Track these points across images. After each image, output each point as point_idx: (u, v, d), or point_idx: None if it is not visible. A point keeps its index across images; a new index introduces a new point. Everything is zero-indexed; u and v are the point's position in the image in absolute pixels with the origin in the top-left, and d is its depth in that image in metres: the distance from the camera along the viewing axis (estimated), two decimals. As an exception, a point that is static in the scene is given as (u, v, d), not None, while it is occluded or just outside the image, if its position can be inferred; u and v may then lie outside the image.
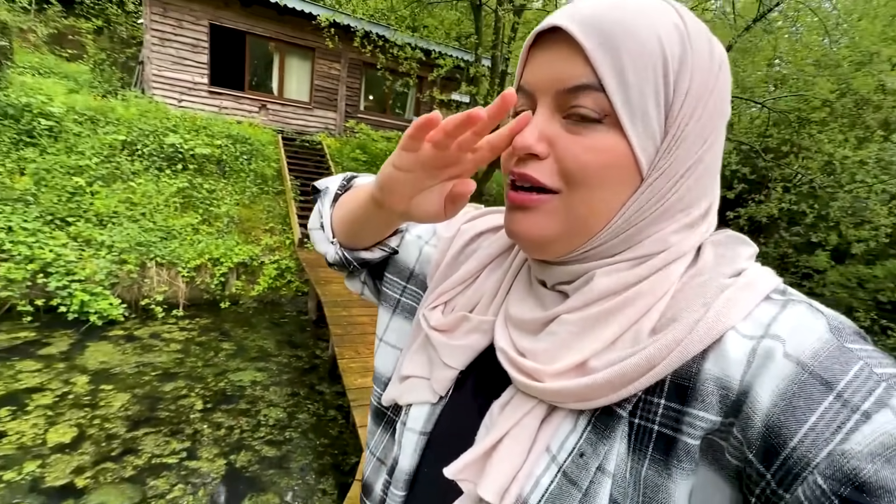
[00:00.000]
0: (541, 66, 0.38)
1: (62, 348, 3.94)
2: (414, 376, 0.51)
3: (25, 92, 5.42)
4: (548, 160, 0.37)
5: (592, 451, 0.36)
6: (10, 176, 4.84)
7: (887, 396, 0.27)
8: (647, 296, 0.37)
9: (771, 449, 0.29)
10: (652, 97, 0.34)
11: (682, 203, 0.37)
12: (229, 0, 7.81)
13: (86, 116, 5.72)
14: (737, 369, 0.32)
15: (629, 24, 0.34)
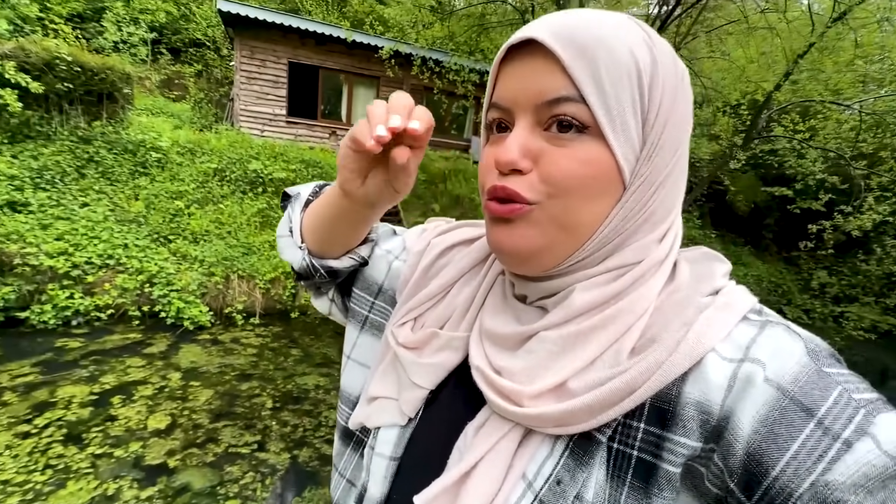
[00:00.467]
0: (517, 80, 0.37)
1: (161, 348, 4.54)
2: (382, 397, 0.50)
3: (141, 130, 6.42)
4: (530, 174, 0.36)
5: (570, 478, 0.35)
6: (127, 201, 5.72)
7: (867, 424, 0.27)
8: (627, 314, 0.36)
9: (753, 478, 0.29)
10: (630, 107, 0.35)
11: (660, 211, 0.38)
12: (306, 40, 8.66)
13: (186, 148, 6.62)
14: (717, 394, 0.31)
15: (603, 36, 0.34)
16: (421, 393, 0.47)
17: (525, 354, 0.38)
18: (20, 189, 5.00)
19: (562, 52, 0.34)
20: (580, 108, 0.34)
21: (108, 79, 5.97)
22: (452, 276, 0.50)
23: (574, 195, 0.35)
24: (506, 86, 0.38)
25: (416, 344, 0.48)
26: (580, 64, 0.34)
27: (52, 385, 3.61)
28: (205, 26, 10.91)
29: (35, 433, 3.03)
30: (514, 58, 0.37)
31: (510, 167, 0.36)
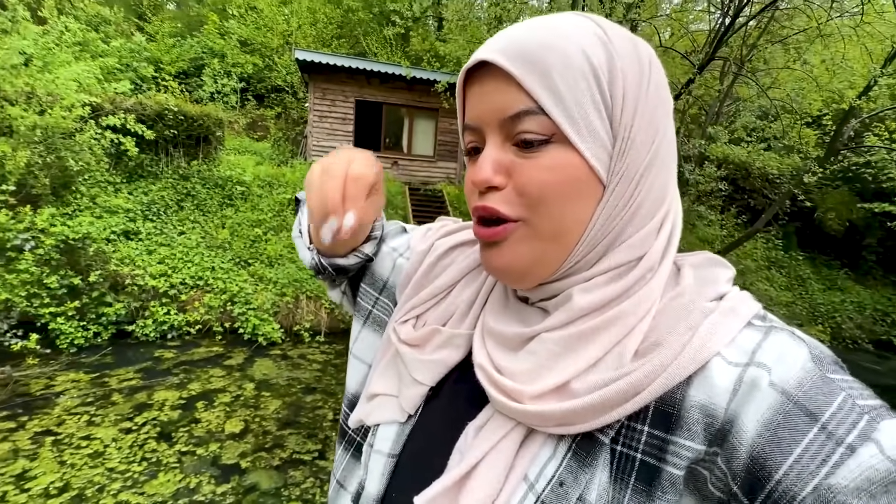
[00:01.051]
0: (479, 101, 0.38)
1: (239, 361, 5.00)
2: (382, 394, 0.50)
3: (229, 167, 7.28)
4: (507, 189, 0.37)
5: (573, 479, 0.34)
6: (216, 229, 6.46)
7: (870, 430, 0.27)
8: (629, 315, 0.36)
9: (756, 482, 0.28)
10: (592, 108, 0.34)
11: (648, 203, 0.37)
12: (371, 79, 9.39)
13: (265, 182, 7.38)
14: (723, 397, 0.31)
15: (552, 43, 0.34)
16: (421, 389, 0.46)
17: (527, 355, 0.38)
18: (133, 220, 5.87)
19: (514, 70, 0.34)
20: (542, 120, 0.34)
21: (204, 124, 6.91)
22: (454, 276, 0.50)
23: (551, 203, 0.35)
24: (472, 107, 0.39)
25: (418, 341, 0.48)
26: (533, 77, 0.34)
27: (150, 389, 4.11)
28: (284, 74, 12.22)
29: (135, 430, 3.47)
30: (474, 79, 0.38)
31: (485, 185, 0.37)
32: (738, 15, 5.27)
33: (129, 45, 9.51)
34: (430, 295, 0.51)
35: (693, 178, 6.30)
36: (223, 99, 11.22)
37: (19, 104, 4.76)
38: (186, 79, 11.46)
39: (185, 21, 14.02)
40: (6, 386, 3.85)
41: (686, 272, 0.39)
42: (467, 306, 0.49)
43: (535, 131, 0.35)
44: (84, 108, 5.11)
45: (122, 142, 5.41)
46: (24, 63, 5.02)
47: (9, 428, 3.34)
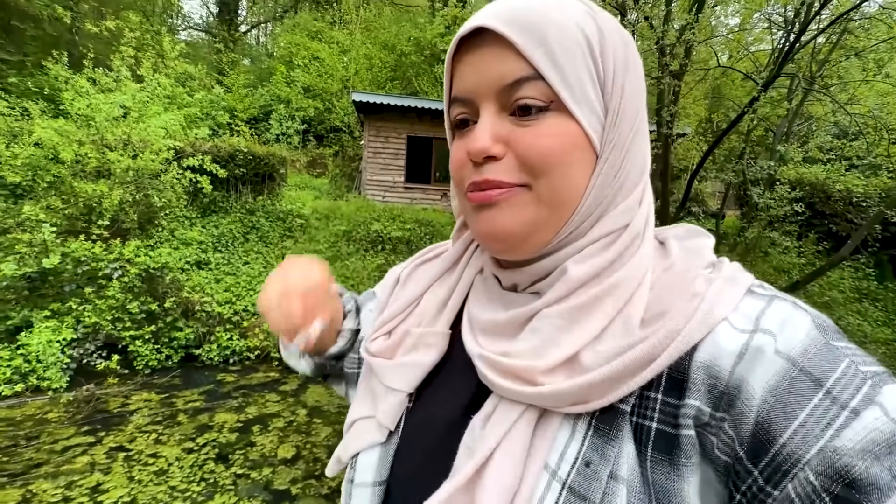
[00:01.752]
0: (474, 70, 0.37)
1: (293, 387, 5.13)
2: (359, 419, 0.46)
3: (290, 201, 7.76)
4: (505, 158, 0.36)
5: (600, 457, 0.32)
6: (276, 260, 6.83)
7: (874, 393, 0.27)
8: (626, 282, 0.36)
9: (760, 446, 0.28)
10: (587, 77, 0.35)
11: (633, 175, 0.38)
12: (422, 116, 9.80)
13: (322, 215, 7.77)
14: (727, 360, 0.31)
15: (549, 15, 0.35)
16: (397, 397, 0.43)
17: (529, 334, 0.37)
18: (205, 251, 6.36)
19: (513, 36, 0.34)
20: (540, 87, 0.34)
21: (270, 163, 7.48)
22: (423, 285, 0.49)
23: (553, 171, 0.35)
24: (463, 78, 0.38)
25: (389, 349, 0.46)
26: (532, 44, 0.34)
27: (212, 411, 4.30)
28: (342, 115, 13.06)
29: (196, 450, 3.62)
30: (466, 50, 0.37)
31: (483, 154, 0.36)
32: (803, 31, 4.98)
33: (209, 96, 10.64)
34: (399, 308, 0.49)
35: (763, 201, 5.86)
36: (287, 140, 12.14)
37: (117, 150, 5.41)
38: (256, 123, 12.56)
39: (257, 73, 15.54)
40: (89, 402, 4.19)
41: (672, 244, 0.40)
42: (440, 305, 0.47)
43: (535, 97, 0.35)
44: (169, 151, 5.72)
45: (199, 180, 5.96)
46: (123, 115, 5.75)
47: (88, 442, 3.60)
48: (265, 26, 22.34)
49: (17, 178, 5.10)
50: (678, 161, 11.42)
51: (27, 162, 5.05)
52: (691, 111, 10.84)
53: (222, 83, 13.38)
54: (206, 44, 18.94)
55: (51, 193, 5.21)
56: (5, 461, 3.27)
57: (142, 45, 8.39)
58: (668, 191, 6.45)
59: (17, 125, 5.29)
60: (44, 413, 3.98)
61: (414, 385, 0.44)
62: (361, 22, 15.96)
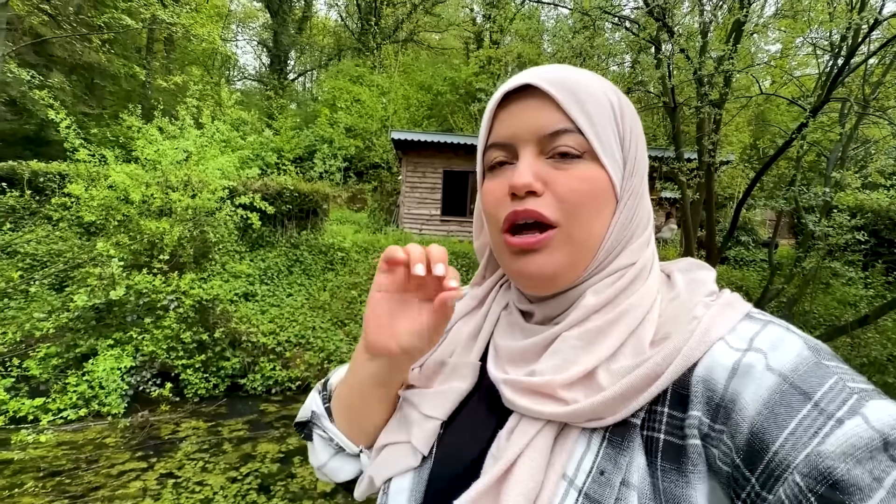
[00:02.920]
0: (517, 119, 0.43)
1: (332, 419, 5.16)
2: (390, 444, 0.47)
3: (331, 235, 8.07)
4: (545, 196, 0.41)
5: (613, 466, 0.35)
6: (318, 291, 7.06)
7: (859, 406, 0.29)
8: (636, 308, 0.41)
9: (756, 453, 0.31)
10: (613, 135, 0.42)
11: (644, 219, 0.45)
12: (458, 151, 10.07)
13: (362, 248, 8.01)
14: (721, 374, 0.34)
15: (584, 82, 0.43)
16: (433, 424, 0.45)
17: (551, 356, 0.41)
18: (252, 283, 6.67)
19: (556, 94, 0.41)
20: (577, 138, 0.41)
21: (314, 199, 7.86)
22: (451, 320, 0.52)
23: (585, 211, 0.41)
24: (505, 125, 0.44)
25: (424, 379, 0.49)
26: (572, 102, 0.41)
27: (255, 441, 4.39)
28: (381, 152, 13.65)
29: (239, 479, 3.69)
30: (509, 102, 0.43)
31: (527, 188, 0.41)
32: (852, 54, 4.83)
33: (260, 139, 11.45)
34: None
35: (819, 229, 5.53)
36: (329, 177, 12.75)
37: (179, 190, 5.88)
38: (301, 162, 13.31)
39: (303, 116, 16.60)
40: (144, 429, 4.39)
41: (677, 277, 0.45)
42: (470, 339, 0.50)
43: (573, 146, 0.41)
44: (224, 191, 6.15)
45: (249, 217, 6.34)
46: (185, 158, 6.28)
47: (141, 468, 3.75)
48: (311, 73, 24.03)
49: (93, 218, 5.62)
50: (723, 189, 11.02)
51: (102, 203, 5.57)
52: (734, 138, 10.54)
53: (272, 126, 14.36)
54: (258, 91, 20.53)
55: (120, 231, 5.68)
56: (67, 483, 3.46)
57: (203, 96, 9.22)
58: (713, 220, 6.22)
59: (96, 170, 5.88)
60: (103, 437, 4.20)
61: (449, 412, 0.46)
62: (400, 65, 16.86)
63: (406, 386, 0.50)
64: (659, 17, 5.07)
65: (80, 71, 12.16)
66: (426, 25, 20.98)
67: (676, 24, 5.73)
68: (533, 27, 8.02)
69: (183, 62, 16.19)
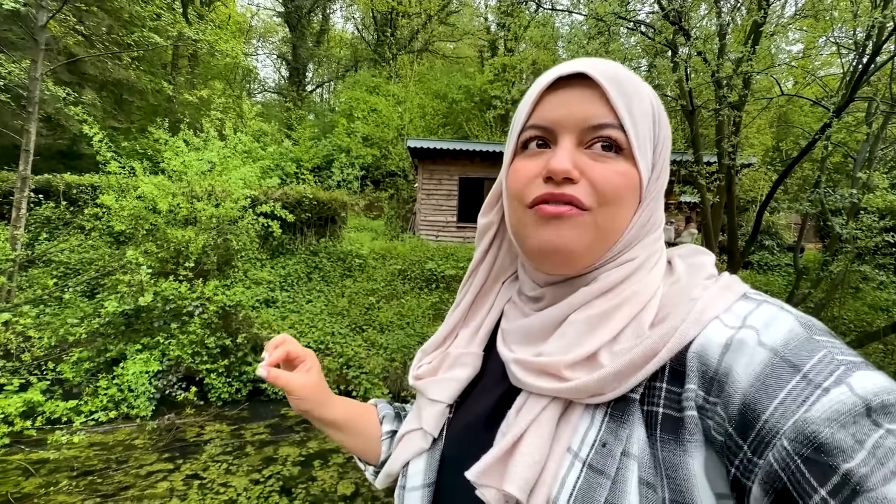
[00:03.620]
0: (563, 106, 0.43)
1: (351, 424, 5.21)
2: (407, 432, 0.53)
3: (349, 243, 8.19)
4: (581, 184, 0.42)
5: (614, 438, 0.38)
6: (336, 298, 7.16)
7: (845, 376, 0.31)
8: (640, 294, 0.43)
9: (747, 422, 0.32)
10: (649, 138, 0.44)
11: (658, 219, 0.47)
12: (474, 158, 10.13)
13: (379, 255, 8.10)
14: (715, 350, 0.36)
15: (633, 82, 0.44)
16: (439, 407, 0.50)
17: (559, 337, 0.44)
18: (273, 290, 6.81)
19: (609, 87, 0.42)
20: (618, 133, 0.42)
21: (332, 207, 8.01)
22: (454, 320, 0.57)
23: (617, 202, 0.42)
24: (550, 109, 0.44)
25: (432, 370, 0.53)
26: (620, 99, 0.42)
27: (276, 444, 4.47)
28: (397, 160, 13.81)
29: (262, 482, 3.75)
30: (559, 88, 0.44)
31: (566, 174, 0.41)
32: (878, 52, 4.72)
33: (279, 149, 11.74)
34: (438, 342, 0.57)
35: (847, 232, 5.38)
36: (347, 185, 12.95)
37: (203, 200, 6.08)
38: (320, 171, 13.56)
39: (321, 126, 16.93)
40: (170, 431, 4.52)
41: (677, 262, 0.47)
42: (473, 332, 0.54)
43: (616, 140, 0.42)
44: (246, 200, 6.32)
45: (270, 225, 6.50)
46: (209, 169, 6.49)
47: (168, 469, 3.86)
48: (329, 84, 24.52)
49: (123, 227, 5.84)
50: (744, 192, 10.79)
51: (131, 213, 5.79)
52: (756, 140, 10.33)
53: (291, 137, 14.69)
54: (277, 103, 21.04)
55: (148, 239, 5.89)
56: (99, 482, 3.58)
57: (226, 109, 9.51)
58: (734, 224, 6.11)
59: (125, 182, 6.12)
60: (132, 439, 4.34)
61: (453, 397, 0.51)
62: (415, 75, 17.09)
63: (416, 378, 0.55)
64: (675, 21, 5.06)
65: (110, 87, 12.68)
66: (441, 35, 21.24)
67: (693, 27, 5.69)
68: (547, 34, 8.06)
69: (206, 76, 16.73)
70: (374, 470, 0.65)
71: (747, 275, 8.70)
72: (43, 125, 9.41)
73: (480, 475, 0.41)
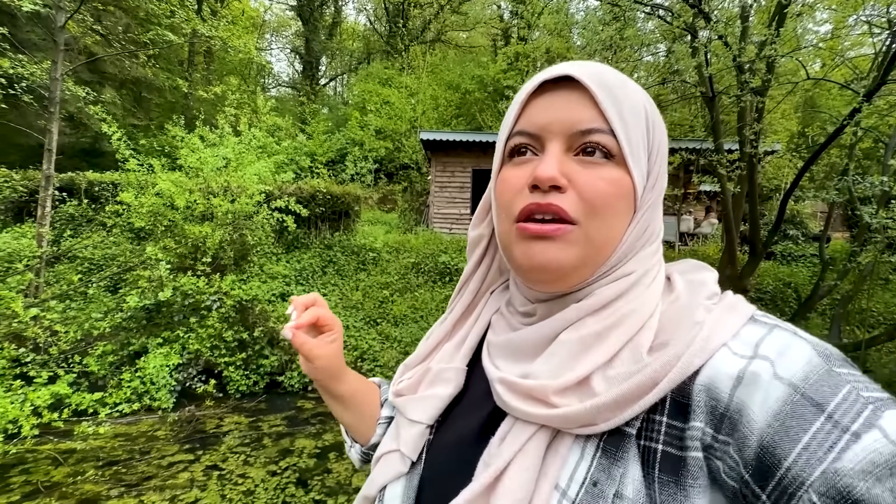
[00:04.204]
0: (549, 111, 0.41)
1: (366, 416, 5.27)
2: (385, 453, 0.49)
3: (363, 236, 8.23)
4: (568, 193, 0.39)
5: (606, 477, 0.34)
6: (351, 291, 7.22)
7: (875, 418, 0.28)
8: (636, 313, 0.39)
9: (766, 469, 0.29)
10: (642, 144, 0.41)
11: (656, 229, 0.44)
12: (487, 150, 10.03)
13: (393, 248, 8.12)
14: (726, 383, 0.32)
15: (624, 85, 0.41)
16: (418, 429, 0.47)
17: (548, 357, 0.40)
18: (288, 284, 6.90)
19: (597, 90, 0.39)
20: (608, 139, 0.39)
21: (346, 201, 8.04)
22: (440, 333, 0.55)
23: (606, 213, 0.39)
24: (536, 114, 0.42)
25: (412, 387, 0.51)
26: (609, 102, 0.39)
27: (293, 436, 4.55)
28: (410, 153, 13.78)
29: (279, 473, 3.83)
30: (545, 92, 0.42)
31: (552, 182, 0.39)
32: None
33: (294, 144, 11.84)
34: (423, 355, 0.54)
35: (877, 221, 5.16)
36: (360, 179, 13.00)
37: (219, 196, 6.17)
38: (333, 165, 13.64)
39: (335, 120, 16.99)
40: (191, 423, 4.64)
41: (676, 279, 0.43)
42: (456, 346, 0.51)
43: (605, 146, 0.39)
44: (261, 195, 6.39)
45: (284, 220, 6.56)
46: (224, 165, 6.57)
47: (188, 460, 3.97)
48: (342, 77, 24.54)
49: (143, 224, 5.97)
50: (768, 181, 10.45)
51: (150, 209, 5.91)
52: (780, 126, 9.96)
53: (305, 131, 14.78)
54: (291, 97, 21.17)
55: (167, 235, 6.02)
56: (123, 472, 3.70)
57: (240, 104, 9.60)
58: (756, 213, 5.92)
59: (144, 179, 6.25)
60: (154, 430, 4.47)
61: (433, 417, 0.47)
62: (427, 66, 16.95)
63: (396, 395, 0.53)
64: (694, 4, 4.87)
65: (129, 85, 12.94)
66: (453, 24, 20.99)
67: (713, 9, 5.48)
68: (561, 21, 7.87)
69: (221, 72, 16.91)
70: (360, 449, 0.63)
71: (770, 266, 8.45)
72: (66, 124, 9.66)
73: None
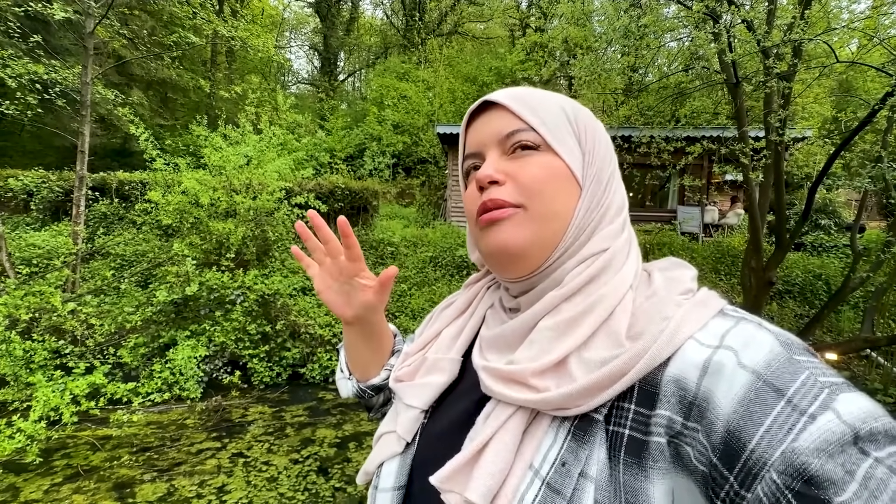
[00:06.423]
0: (483, 128, 0.49)
1: (385, 407, 5.37)
2: (384, 434, 0.54)
3: (381, 231, 8.32)
4: (506, 185, 0.46)
5: (574, 458, 0.37)
6: (369, 285, 7.33)
7: (830, 401, 0.30)
8: (607, 298, 0.43)
9: (733, 452, 0.31)
10: (566, 130, 0.47)
11: (613, 208, 0.48)
12: (503, 142, 9.98)
13: (411, 242, 8.19)
14: (693, 373, 0.35)
15: (539, 95, 0.49)
16: (414, 413, 0.51)
17: (529, 344, 0.44)
18: (309, 279, 7.05)
19: (510, 103, 0.47)
20: (531, 134, 0.46)
21: (364, 196, 8.15)
22: (442, 324, 0.59)
23: (543, 191, 0.45)
24: (473, 136, 0.50)
25: (410, 374, 0.55)
26: (522, 106, 0.47)
27: (314, 426, 4.68)
28: (428, 147, 13.80)
29: (300, 461, 3.96)
30: (475, 118, 0.51)
31: (488, 178, 0.46)
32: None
33: (313, 140, 12.02)
34: (422, 343, 0.58)
35: (913, 210, 4.92)
36: (379, 174, 13.11)
37: (241, 193, 6.34)
38: (352, 160, 13.79)
39: (353, 115, 17.14)
40: (217, 412, 4.83)
41: (656, 275, 0.46)
42: (452, 338, 0.55)
43: (528, 140, 0.46)
44: (281, 192, 6.54)
45: (304, 216, 6.70)
46: (246, 162, 6.74)
47: (216, 447, 4.14)
48: (360, 73, 24.68)
49: (170, 221, 6.20)
50: (798, 169, 10.04)
51: (177, 207, 6.13)
52: (812, 110, 9.54)
53: (324, 127, 14.98)
54: (310, 94, 21.44)
55: (192, 232, 6.23)
56: (155, 458, 3.90)
57: (261, 103, 9.80)
58: (783, 202, 5.72)
59: (171, 177, 6.47)
60: (183, 419, 4.67)
61: (428, 403, 0.52)
62: (444, 59, 16.88)
63: (396, 380, 0.57)
64: (716, -13, 4.71)
65: (156, 86, 13.36)
66: (470, 16, 20.80)
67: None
68: (578, 9, 7.71)
69: (243, 71, 17.25)
70: (356, 383, 0.67)
71: (799, 257, 8.16)
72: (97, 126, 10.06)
73: (445, 480, 0.41)
